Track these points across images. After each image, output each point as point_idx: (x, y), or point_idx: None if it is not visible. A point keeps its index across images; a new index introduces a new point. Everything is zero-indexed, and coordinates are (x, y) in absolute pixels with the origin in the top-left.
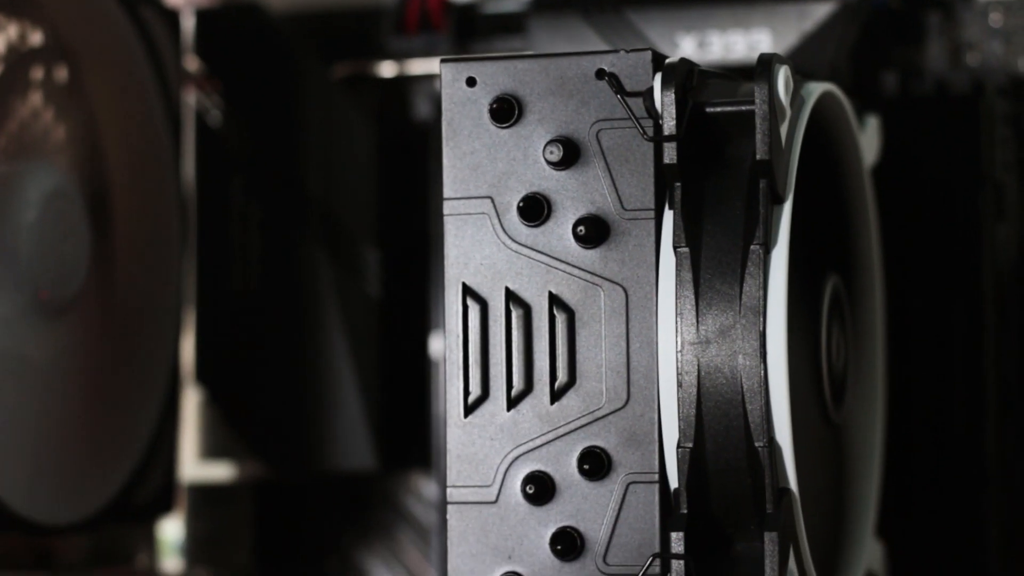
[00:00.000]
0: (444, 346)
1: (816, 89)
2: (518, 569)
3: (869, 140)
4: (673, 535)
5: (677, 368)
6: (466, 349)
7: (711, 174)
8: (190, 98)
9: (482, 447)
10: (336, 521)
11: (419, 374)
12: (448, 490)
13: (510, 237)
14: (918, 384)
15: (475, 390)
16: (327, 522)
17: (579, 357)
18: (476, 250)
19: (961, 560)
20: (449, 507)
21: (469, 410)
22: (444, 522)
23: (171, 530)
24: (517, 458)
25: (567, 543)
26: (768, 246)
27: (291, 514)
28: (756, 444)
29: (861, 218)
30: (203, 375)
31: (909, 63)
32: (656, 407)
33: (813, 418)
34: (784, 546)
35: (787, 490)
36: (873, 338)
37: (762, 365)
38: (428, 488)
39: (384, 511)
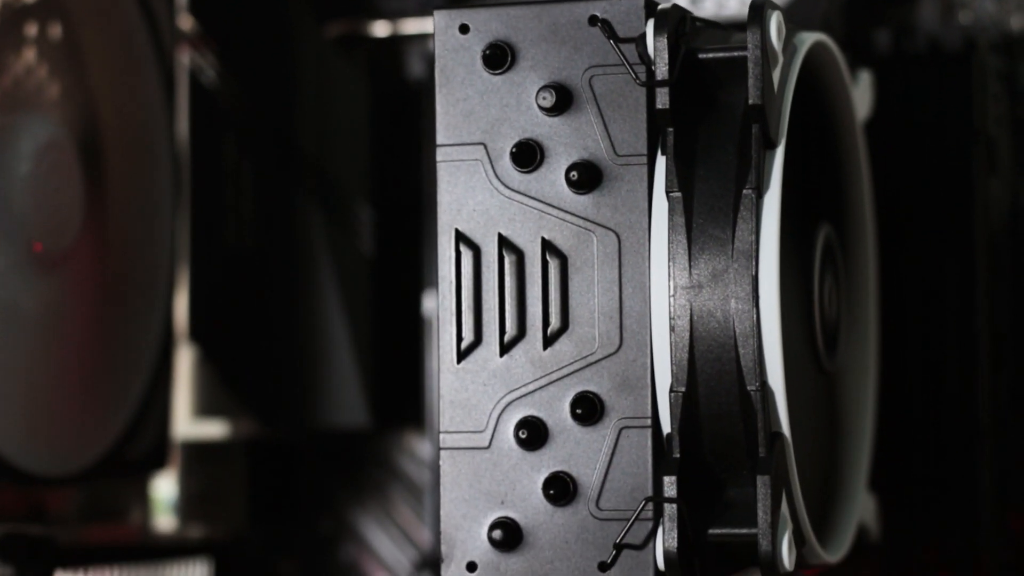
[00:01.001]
0: (437, 297)
1: (809, 38)
2: (511, 514)
3: (862, 94)
4: (666, 479)
5: (670, 312)
6: (459, 295)
7: (704, 120)
8: (184, 57)
9: (475, 393)
10: (329, 480)
11: (412, 332)
12: (441, 436)
13: (503, 183)
14: (911, 338)
15: (468, 336)
16: (320, 481)
17: (572, 302)
18: (469, 196)
19: (954, 514)
20: (442, 453)
21: (462, 356)
22: (437, 479)
23: (164, 488)
24: (510, 403)
25: (560, 488)
26: (760, 190)
27: (284, 472)
28: (749, 388)
29: (854, 170)
30: (196, 333)
31: (902, 20)
32: (649, 352)
33: (806, 365)
34: (776, 490)
35: (779, 434)
36: (865, 289)
37: (754, 309)
38: (421, 447)
39: (377, 469)
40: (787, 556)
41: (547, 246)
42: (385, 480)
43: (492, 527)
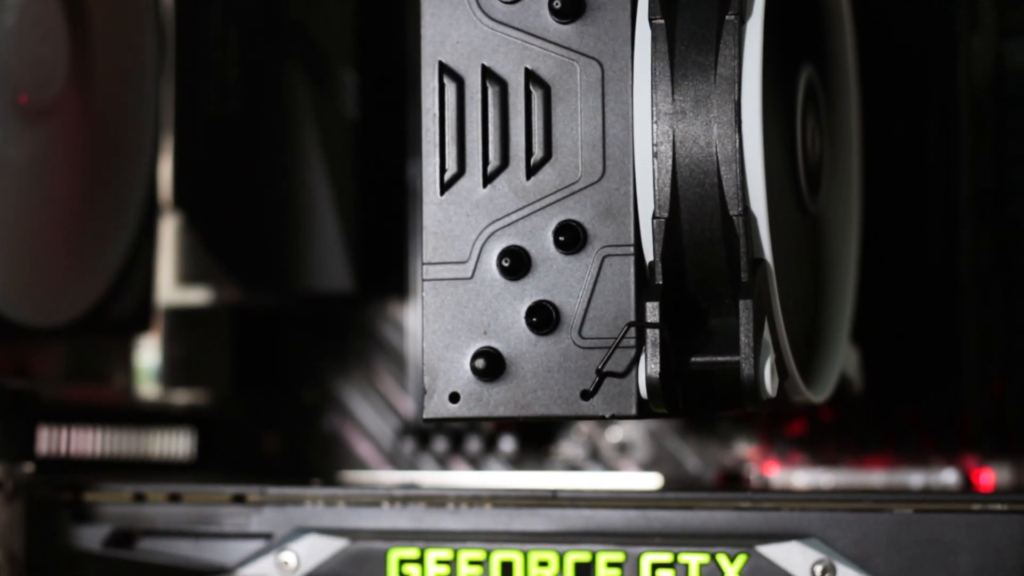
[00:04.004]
0: (421, 126)
1: None
2: (494, 344)
3: None
4: (648, 305)
5: (652, 139)
6: (442, 127)
7: None
8: None
9: (458, 223)
10: (313, 349)
11: (397, 198)
12: (424, 267)
13: (486, 14)
14: (894, 195)
15: (451, 167)
16: (304, 351)
17: (555, 132)
18: (453, 28)
19: (937, 372)
20: (425, 284)
21: (445, 187)
22: (421, 349)
23: (148, 357)
24: (493, 233)
25: (543, 316)
26: (743, 16)
27: (268, 341)
28: (731, 213)
29: (836, 19)
30: (181, 200)
31: None
32: (631, 179)
33: (789, 201)
34: (759, 315)
35: (762, 261)
36: (848, 136)
37: (737, 134)
38: (405, 315)
39: (361, 339)
40: (769, 382)
41: (530, 76)
42: (369, 349)
43: (475, 357)
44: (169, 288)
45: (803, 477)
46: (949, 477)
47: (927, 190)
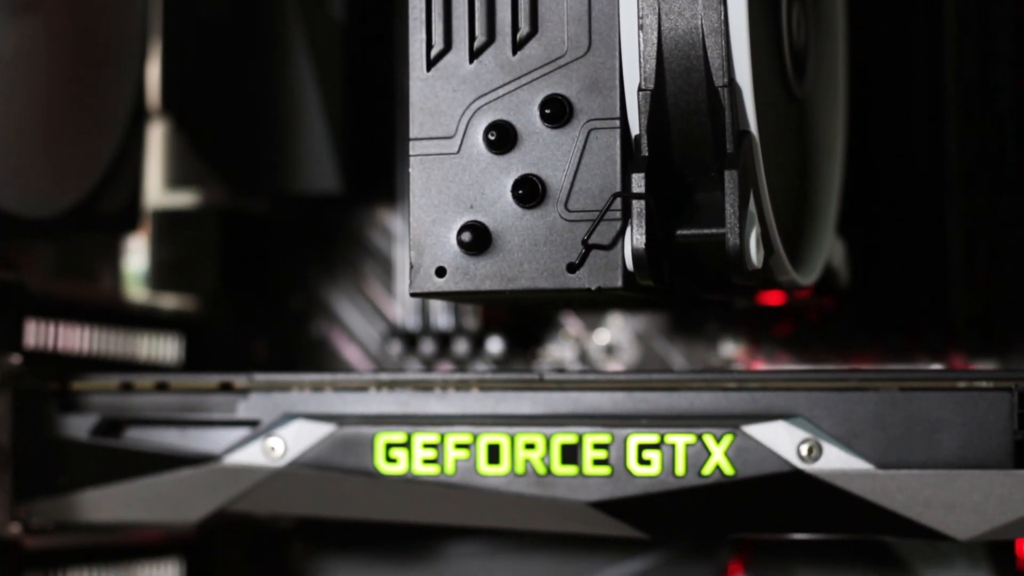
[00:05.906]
0: (407, 6)
1: None
2: (480, 218)
3: None
4: (634, 176)
5: (638, 11)
6: (429, 2)
7: None
8: None
9: (445, 99)
10: (300, 255)
11: (385, 101)
12: (411, 143)
13: None
14: (879, 91)
15: (438, 43)
16: (291, 257)
17: (541, 7)
18: None
19: (923, 267)
20: (412, 160)
21: (432, 63)
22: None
23: (135, 261)
24: (479, 108)
25: (529, 189)
26: None
27: (256, 245)
28: (716, 85)
29: None
30: (169, 103)
31: None
32: (617, 53)
33: (774, 80)
34: (744, 186)
35: (747, 132)
36: (833, 25)
37: (722, 5)
38: (392, 221)
39: (348, 244)
40: (755, 253)
41: None
42: (356, 255)
43: (461, 231)
44: (157, 191)
45: None
46: None
47: (912, 86)
